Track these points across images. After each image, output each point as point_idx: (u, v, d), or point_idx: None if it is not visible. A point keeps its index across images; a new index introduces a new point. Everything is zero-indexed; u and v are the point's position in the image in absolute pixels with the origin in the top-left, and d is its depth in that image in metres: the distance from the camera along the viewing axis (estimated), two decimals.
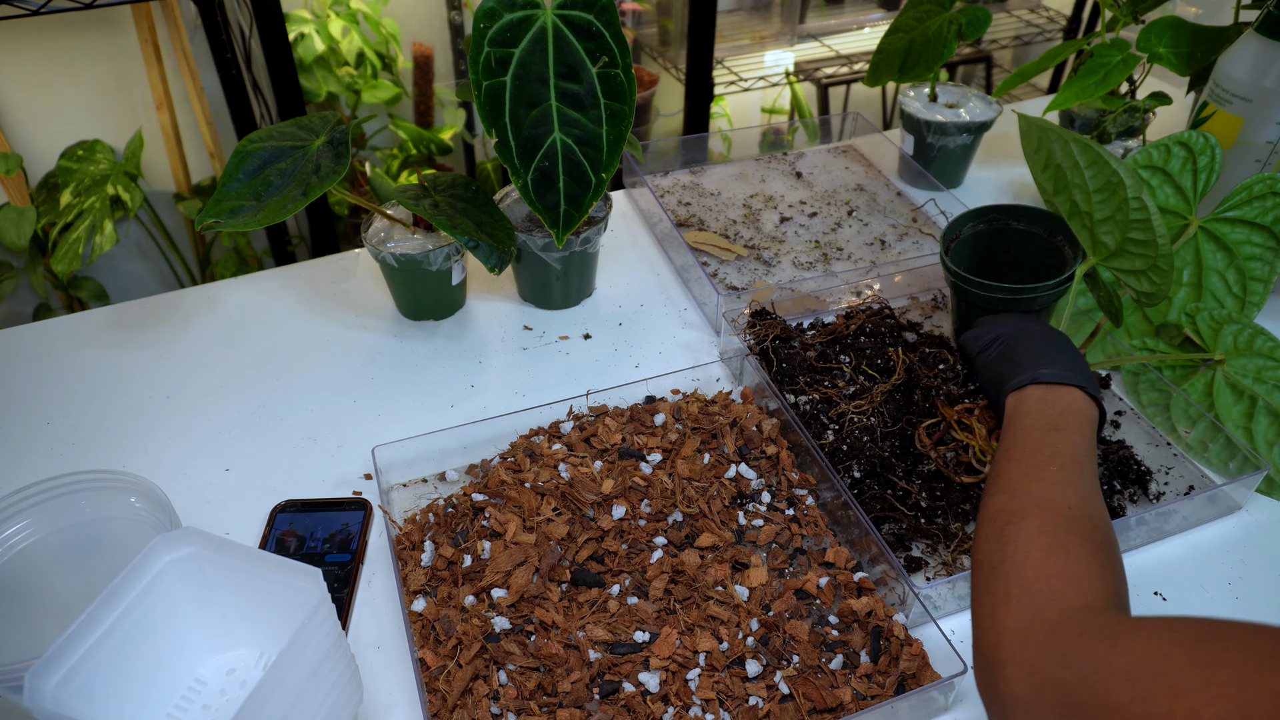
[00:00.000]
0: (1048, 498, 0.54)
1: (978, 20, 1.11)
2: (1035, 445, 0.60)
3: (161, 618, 0.56)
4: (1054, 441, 0.60)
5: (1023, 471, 0.57)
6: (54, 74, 1.57)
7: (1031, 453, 0.59)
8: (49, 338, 0.94)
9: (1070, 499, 0.54)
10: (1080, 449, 0.59)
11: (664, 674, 0.63)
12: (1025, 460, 0.58)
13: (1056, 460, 0.58)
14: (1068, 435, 0.60)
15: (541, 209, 0.84)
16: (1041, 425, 0.62)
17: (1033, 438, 0.61)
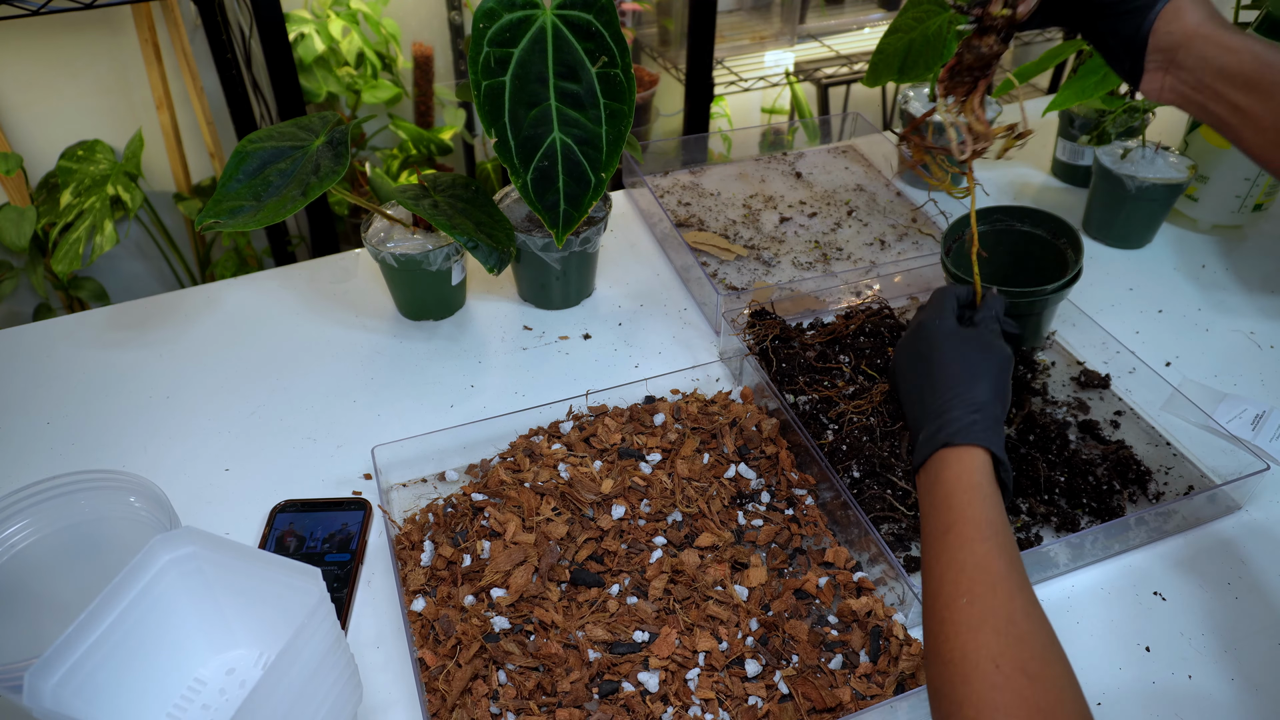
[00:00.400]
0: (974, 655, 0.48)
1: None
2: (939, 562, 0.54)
3: (161, 617, 0.56)
4: (950, 546, 0.54)
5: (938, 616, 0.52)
6: (54, 74, 1.57)
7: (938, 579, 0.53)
8: (49, 338, 0.94)
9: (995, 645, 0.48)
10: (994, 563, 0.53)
11: (663, 674, 0.63)
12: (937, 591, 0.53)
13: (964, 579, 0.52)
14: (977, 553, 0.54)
15: (541, 209, 0.84)
16: (934, 525, 0.56)
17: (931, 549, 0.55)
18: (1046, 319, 0.86)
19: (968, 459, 0.59)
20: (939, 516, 0.57)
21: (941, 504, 0.57)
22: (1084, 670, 0.66)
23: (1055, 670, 0.48)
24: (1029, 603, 0.51)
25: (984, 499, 0.57)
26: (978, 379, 0.64)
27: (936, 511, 0.57)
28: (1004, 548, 0.54)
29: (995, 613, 0.50)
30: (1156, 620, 0.69)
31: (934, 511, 0.58)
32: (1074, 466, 0.77)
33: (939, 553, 0.55)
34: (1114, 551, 0.74)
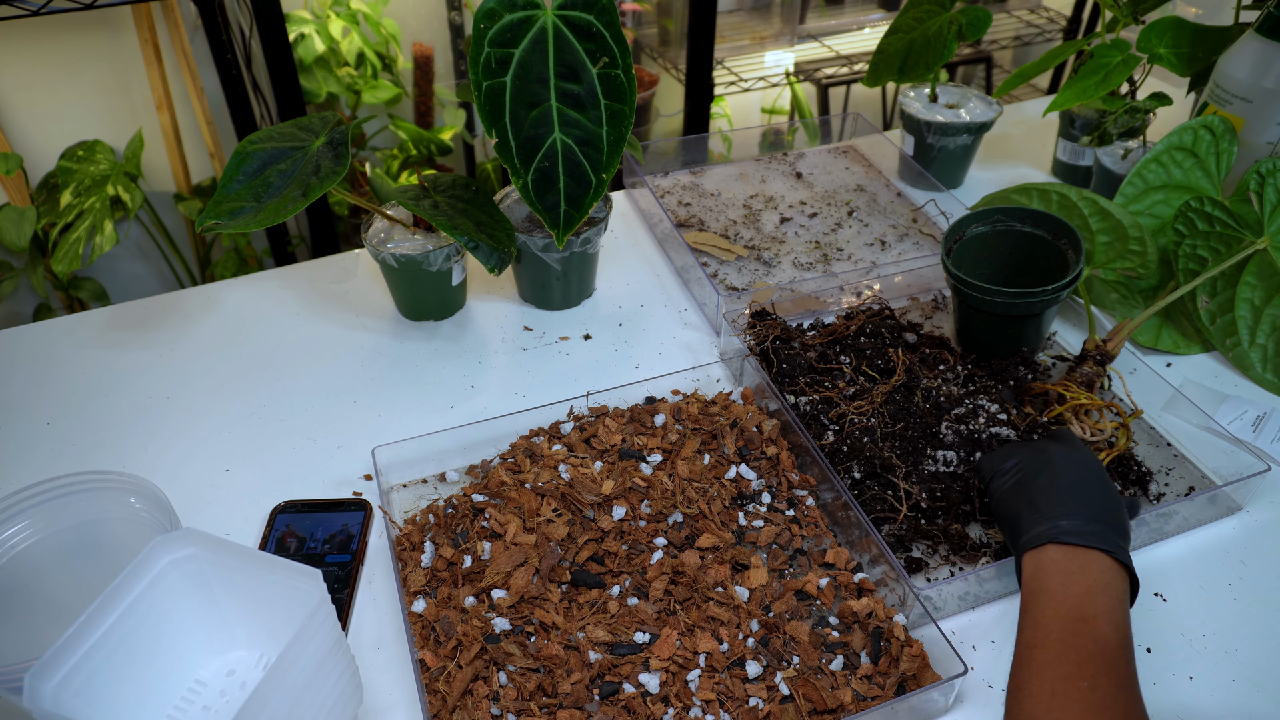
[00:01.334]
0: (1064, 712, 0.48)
1: (978, 20, 1.11)
2: (1060, 647, 0.52)
3: (161, 619, 0.56)
4: (1081, 639, 0.52)
5: (1047, 691, 0.50)
6: (54, 74, 1.57)
7: (1056, 658, 0.52)
8: (49, 338, 0.94)
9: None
10: (1112, 645, 0.52)
11: (664, 675, 0.63)
12: (1049, 669, 0.51)
13: (1087, 670, 0.50)
14: (1096, 626, 0.53)
15: (541, 209, 0.84)
16: (1065, 614, 0.54)
17: (1056, 634, 0.53)
18: (1047, 320, 0.86)
19: (1122, 579, 0.57)
20: (1074, 602, 0.55)
21: (1083, 594, 0.55)
22: None
23: None
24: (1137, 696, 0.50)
25: (1127, 615, 0.55)
26: (1105, 493, 0.63)
27: (1072, 597, 0.55)
28: (1133, 663, 0.52)
29: (1116, 708, 0.49)
30: (1157, 621, 0.69)
31: (1067, 596, 0.55)
32: None
33: (1067, 634, 0.53)
34: None
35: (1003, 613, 0.70)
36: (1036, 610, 0.56)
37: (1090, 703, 0.48)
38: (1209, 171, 0.92)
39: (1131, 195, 0.94)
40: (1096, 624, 0.53)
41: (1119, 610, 0.55)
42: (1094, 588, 0.56)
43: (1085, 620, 0.53)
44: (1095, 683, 0.49)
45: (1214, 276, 0.87)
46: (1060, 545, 0.59)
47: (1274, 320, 0.86)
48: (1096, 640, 0.52)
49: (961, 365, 0.87)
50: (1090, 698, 0.49)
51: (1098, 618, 0.53)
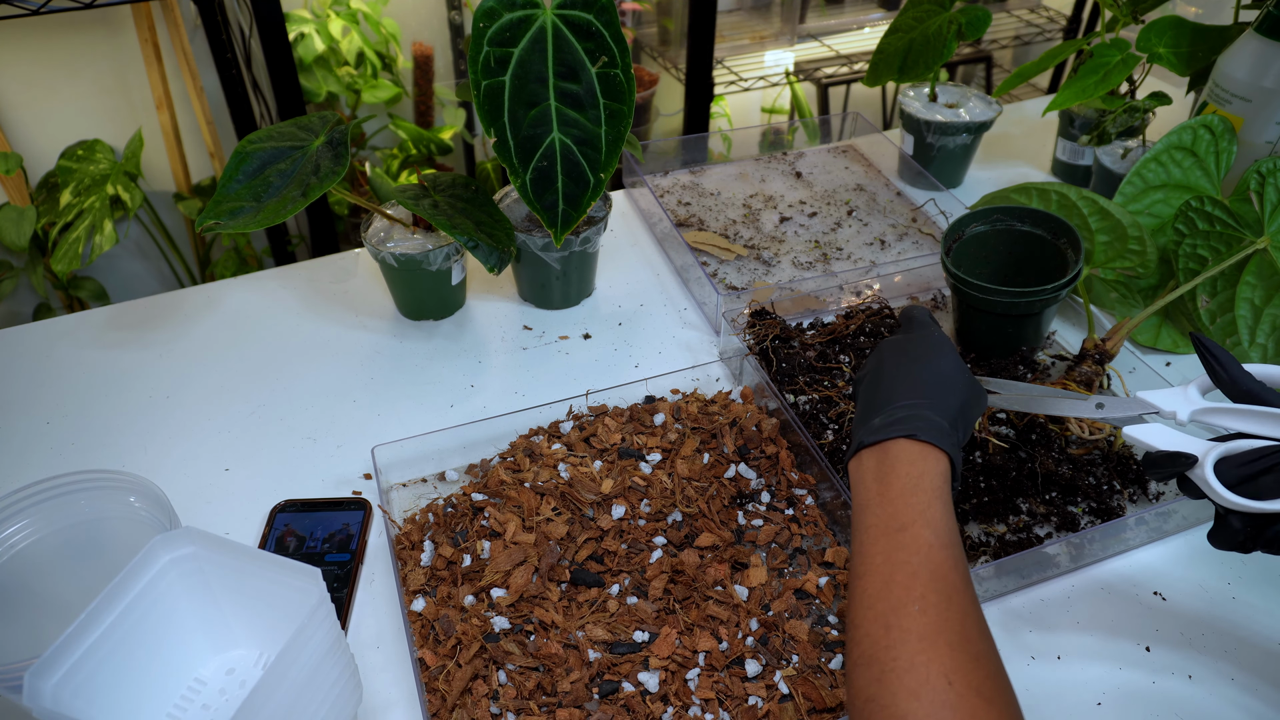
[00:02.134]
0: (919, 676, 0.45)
1: (978, 20, 1.11)
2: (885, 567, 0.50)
3: (161, 617, 0.56)
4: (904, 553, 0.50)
5: (881, 624, 0.48)
6: (54, 74, 1.57)
7: (884, 585, 0.49)
8: (49, 338, 0.94)
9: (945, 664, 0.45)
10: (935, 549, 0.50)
11: (663, 674, 0.63)
12: (880, 600, 0.49)
13: (916, 590, 0.48)
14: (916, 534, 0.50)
15: (540, 209, 0.84)
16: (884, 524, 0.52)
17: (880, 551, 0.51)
18: (1046, 319, 0.86)
19: (934, 460, 0.55)
20: (890, 510, 0.52)
21: (896, 498, 0.53)
22: (1084, 670, 0.66)
23: (1008, 696, 0.45)
24: (982, 621, 0.48)
25: (945, 505, 0.52)
26: (957, 394, 0.60)
27: (888, 504, 0.53)
28: (959, 559, 0.50)
29: (950, 626, 0.46)
30: (1156, 620, 0.69)
31: (883, 504, 0.53)
32: (1074, 466, 0.77)
33: (889, 551, 0.50)
34: (1114, 551, 0.74)
35: (1002, 612, 0.70)
36: (860, 529, 0.54)
37: (923, 628, 0.46)
38: (1208, 171, 0.92)
39: (1131, 195, 0.94)
40: (914, 530, 0.51)
41: (935, 505, 0.52)
42: (905, 488, 0.53)
43: (903, 529, 0.51)
44: (924, 603, 0.47)
45: (1214, 276, 0.87)
46: (870, 448, 0.57)
47: (1274, 320, 0.86)
48: (917, 550, 0.50)
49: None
50: (922, 622, 0.46)
51: (915, 523, 0.51)
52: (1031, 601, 0.71)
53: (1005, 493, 0.75)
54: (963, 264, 0.88)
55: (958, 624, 0.47)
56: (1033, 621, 0.69)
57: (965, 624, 0.47)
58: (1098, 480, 0.76)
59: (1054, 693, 0.64)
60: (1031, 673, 0.66)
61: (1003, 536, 0.73)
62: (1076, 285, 0.85)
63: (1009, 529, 0.74)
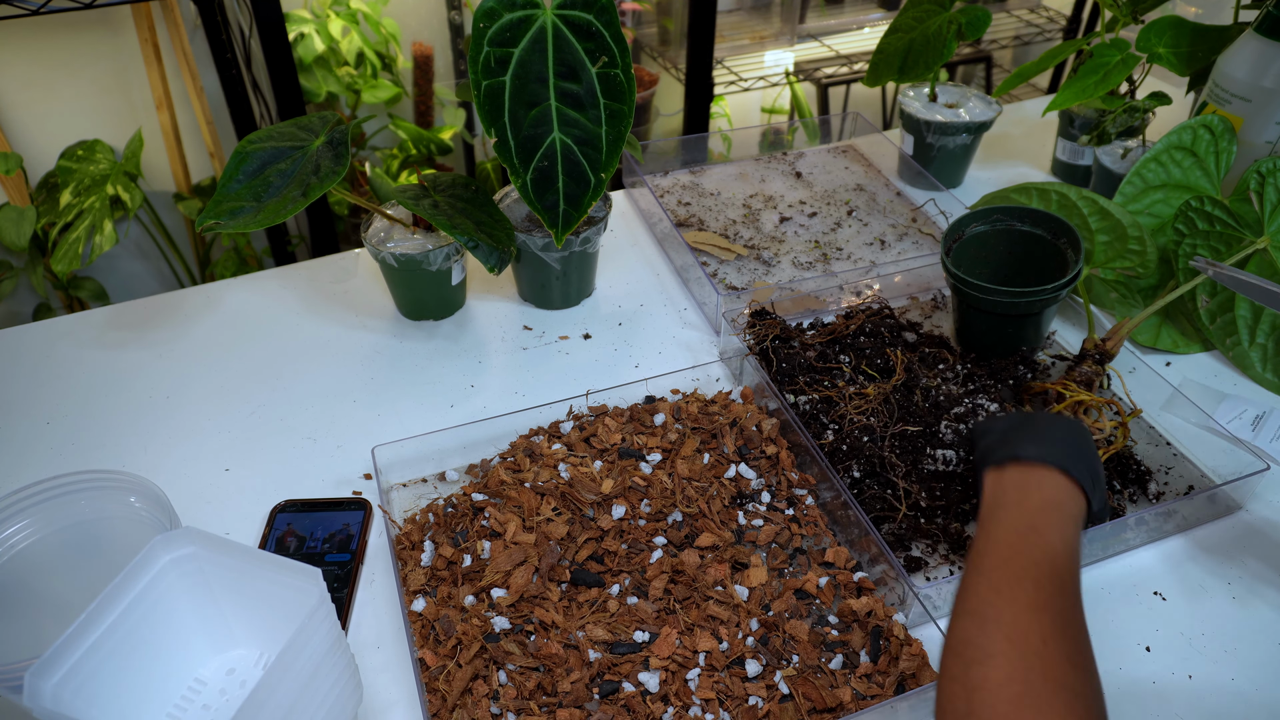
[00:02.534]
0: (1019, 630, 0.47)
1: (978, 20, 1.11)
2: (1009, 552, 0.53)
3: (161, 617, 0.56)
4: (1030, 547, 0.53)
5: (993, 588, 0.50)
6: (54, 74, 1.57)
7: (1004, 561, 0.52)
8: (49, 338, 0.94)
9: (1045, 630, 0.47)
10: (1060, 556, 0.52)
11: (664, 674, 0.63)
12: (997, 571, 0.52)
13: (1032, 574, 0.51)
14: (1046, 537, 0.53)
15: (540, 209, 0.84)
16: (1017, 524, 0.55)
17: (1006, 541, 0.54)
18: (1046, 319, 0.86)
19: (1076, 497, 0.57)
20: (1026, 517, 0.55)
21: (1035, 510, 0.55)
22: None
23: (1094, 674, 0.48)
24: (1084, 628, 0.50)
25: (1077, 533, 0.55)
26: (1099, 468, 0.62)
27: (1025, 512, 0.55)
28: (1077, 577, 0.52)
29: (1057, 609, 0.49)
30: (1156, 620, 0.69)
31: (1021, 510, 0.56)
32: None
33: (1015, 542, 0.53)
34: (1114, 551, 0.74)
35: None
36: (990, 523, 0.56)
37: (1033, 602, 0.49)
38: (1208, 171, 0.92)
39: (1131, 195, 0.94)
40: (1046, 534, 0.53)
41: (1069, 526, 0.55)
42: (1047, 503, 0.56)
43: (1035, 530, 0.54)
44: (1039, 584, 0.50)
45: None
46: (1020, 464, 0.59)
47: (1274, 320, 0.86)
48: (1045, 549, 0.52)
49: (961, 364, 0.87)
50: (1034, 597, 0.49)
51: (1048, 529, 0.54)
52: None
53: None
54: (963, 264, 0.88)
55: (1065, 610, 0.49)
56: None
57: (1072, 613, 0.49)
58: None
59: None
60: None
61: None
62: (1076, 285, 0.85)
63: None
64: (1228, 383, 0.90)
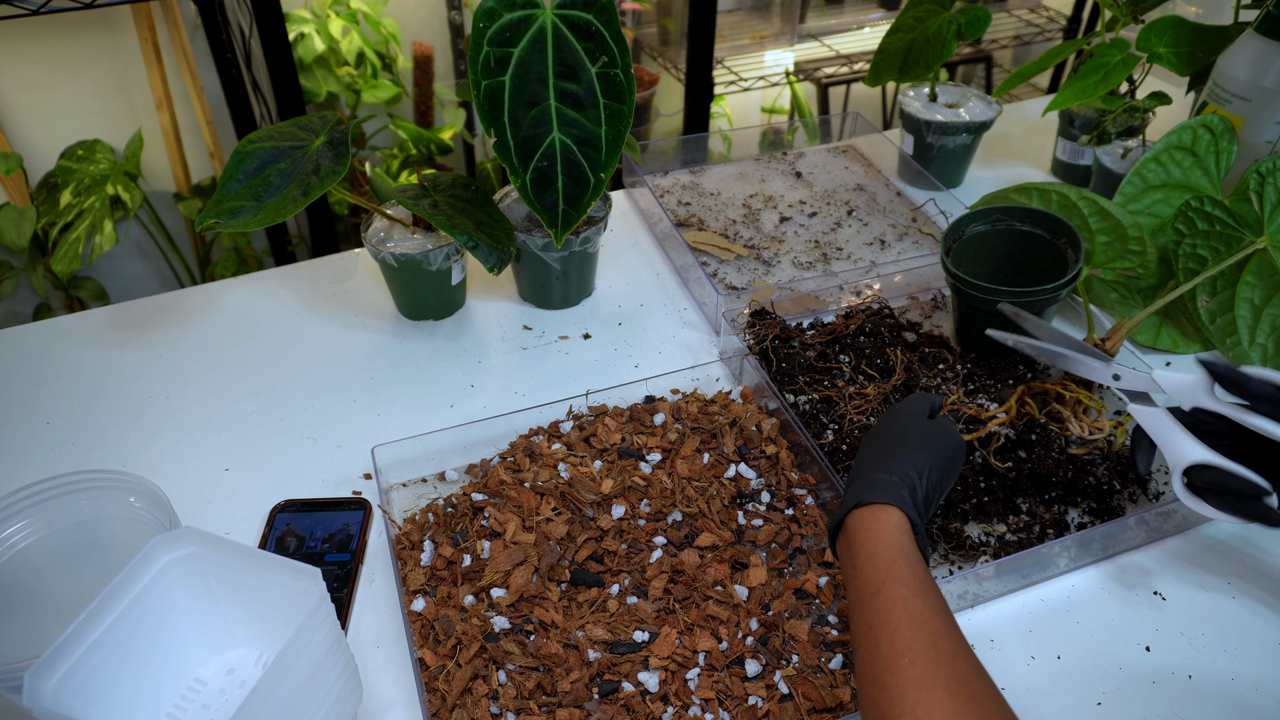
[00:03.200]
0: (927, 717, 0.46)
1: (978, 20, 1.11)
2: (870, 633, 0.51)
3: (161, 617, 0.56)
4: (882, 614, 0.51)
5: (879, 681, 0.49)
6: (54, 74, 1.57)
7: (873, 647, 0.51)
8: (49, 338, 0.94)
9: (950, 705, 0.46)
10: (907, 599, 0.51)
11: (663, 674, 0.63)
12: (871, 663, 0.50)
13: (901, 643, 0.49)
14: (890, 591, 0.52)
15: (540, 209, 0.84)
16: (863, 593, 0.54)
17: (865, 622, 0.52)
18: (1046, 318, 0.86)
19: (884, 517, 0.56)
20: (864, 579, 0.54)
21: (865, 565, 0.55)
22: (1084, 670, 0.66)
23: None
24: (974, 660, 0.49)
25: (907, 557, 0.54)
26: (912, 451, 0.62)
27: (860, 574, 0.55)
28: (938, 605, 0.52)
29: (942, 670, 0.48)
30: (1156, 620, 0.69)
31: (857, 575, 0.55)
32: (1074, 466, 0.77)
33: (870, 615, 0.52)
34: (1114, 551, 0.74)
35: (1002, 612, 0.70)
36: (849, 604, 0.56)
37: (916, 678, 0.47)
38: (1208, 170, 0.92)
39: (1131, 194, 0.94)
40: (887, 589, 0.52)
41: (899, 561, 0.54)
42: (870, 553, 0.55)
43: (876, 591, 0.53)
44: (912, 654, 0.49)
45: (1214, 276, 0.87)
46: (840, 530, 0.59)
47: (1274, 319, 0.86)
48: (894, 606, 0.51)
49: (961, 364, 0.87)
50: (913, 672, 0.48)
51: (885, 583, 0.53)
52: (1031, 601, 0.71)
53: (1005, 493, 0.75)
54: (963, 264, 0.88)
55: (948, 667, 0.48)
56: (1033, 621, 0.69)
57: (956, 665, 0.48)
58: (1098, 480, 0.76)
59: (1054, 693, 0.64)
60: (1032, 673, 0.66)
61: (1003, 536, 0.73)
62: (1076, 285, 0.85)
63: (1009, 529, 0.74)
64: None
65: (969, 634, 0.68)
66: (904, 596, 0.52)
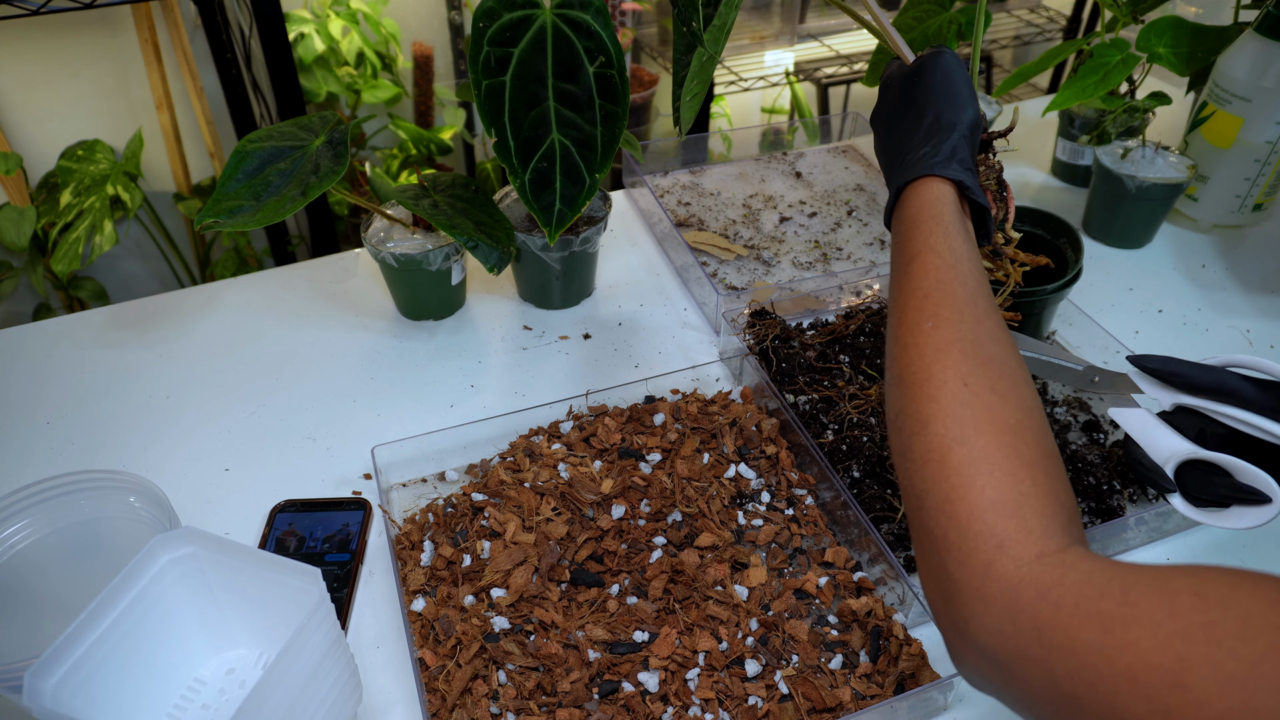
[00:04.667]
0: (935, 381, 0.47)
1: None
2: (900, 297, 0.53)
3: (161, 617, 0.56)
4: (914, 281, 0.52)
5: (899, 343, 0.51)
6: (54, 74, 1.57)
7: (900, 311, 0.52)
8: (49, 338, 0.94)
9: (958, 368, 0.47)
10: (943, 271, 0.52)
11: (663, 674, 0.63)
12: (898, 325, 0.52)
13: (926, 310, 0.50)
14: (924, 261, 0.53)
15: (537, 209, 0.84)
16: (899, 265, 0.55)
17: (897, 286, 0.54)
18: (1046, 319, 0.86)
19: (927, 191, 0.57)
20: (903, 250, 0.55)
21: (905, 237, 0.55)
22: None
23: (1023, 391, 0.47)
24: (996, 327, 0.50)
25: (945, 228, 0.54)
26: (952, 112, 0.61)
27: (900, 247, 0.56)
28: (969, 274, 0.52)
29: (962, 336, 0.49)
30: None
31: (898, 248, 0.56)
32: (1074, 466, 0.77)
33: (903, 283, 0.53)
34: (1114, 552, 0.74)
35: None
36: (891, 275, 0.56)
37: (936, 341, 0.49)
38: None
39: None
40: (921, 259, 0.53)
41: (936, 232, 0.54)
42: (911, 225, 0.55)
43: (911, 260, 0.53)
44: (936, 319, 0.50)
45: None
46: (894, 209, 0.59)
47: None
48: (925, 275, 0.52)
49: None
50: (935, 336, 0.49)
51: (921, 252, 0.53)
52: None
53: None
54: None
55: (969, 333, 0.49)
56: None
57: (978, 332, 0.49)
58: (1098, 480, 0.76)
59: None
60: None
61: None
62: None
63: None
64: None
65: None
66: (935, 266, 0.52)
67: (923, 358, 0.49)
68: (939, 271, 0.52)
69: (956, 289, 0.51)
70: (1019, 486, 0.43)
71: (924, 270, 0.53)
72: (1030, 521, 0.42)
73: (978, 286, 0.52)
